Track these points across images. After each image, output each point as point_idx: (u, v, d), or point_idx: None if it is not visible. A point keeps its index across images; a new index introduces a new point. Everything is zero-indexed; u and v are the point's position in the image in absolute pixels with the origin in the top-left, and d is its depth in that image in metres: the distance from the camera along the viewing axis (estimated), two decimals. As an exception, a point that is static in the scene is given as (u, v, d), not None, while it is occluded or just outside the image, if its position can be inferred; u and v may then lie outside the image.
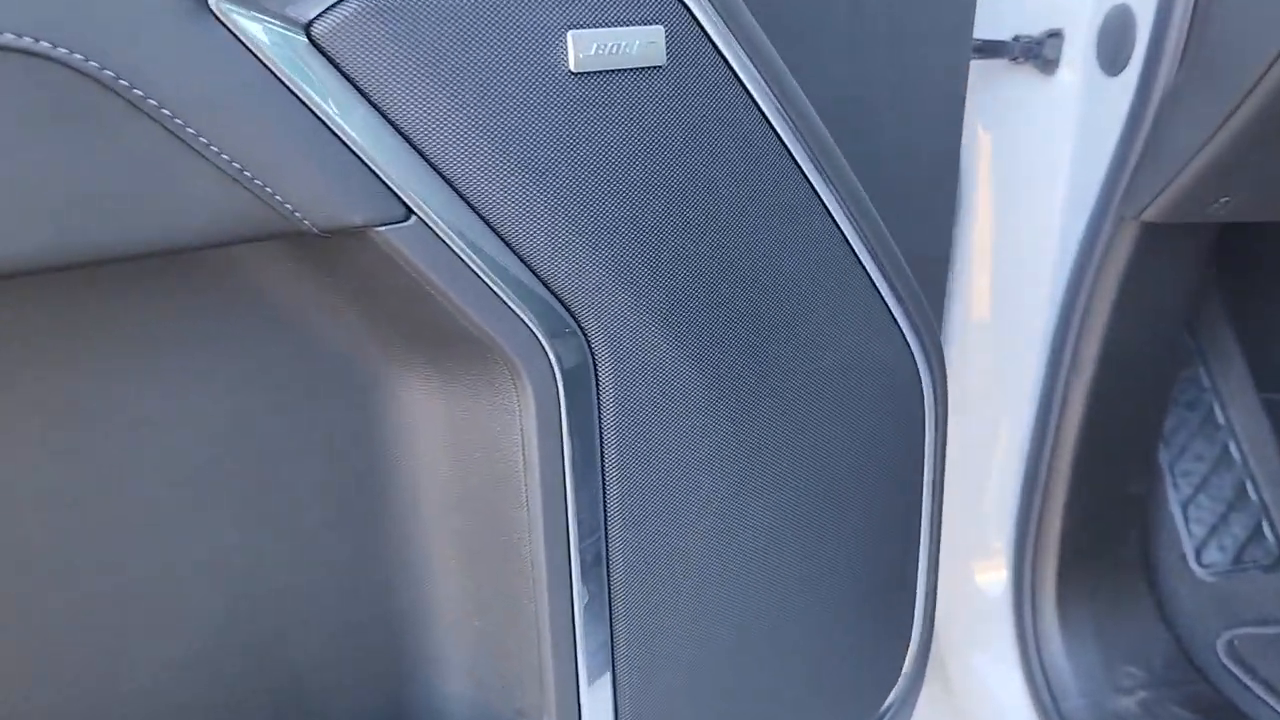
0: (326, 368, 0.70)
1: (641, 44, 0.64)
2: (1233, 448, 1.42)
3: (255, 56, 0.52)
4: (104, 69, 0.48)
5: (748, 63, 0.69)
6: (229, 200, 0.53)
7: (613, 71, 0.63)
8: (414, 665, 0.78)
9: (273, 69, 0.53)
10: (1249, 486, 1.40)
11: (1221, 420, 1.43)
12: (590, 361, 0.68)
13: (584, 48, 0.62)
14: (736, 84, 0.69)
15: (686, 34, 0.65)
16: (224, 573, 0.70)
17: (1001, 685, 1.25)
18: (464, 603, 0.76)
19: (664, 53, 0.64)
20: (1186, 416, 1.42)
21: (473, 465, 0.72)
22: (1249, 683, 1.15)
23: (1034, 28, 1.10)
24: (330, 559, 0.74)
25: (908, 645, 0.99)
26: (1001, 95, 1.14)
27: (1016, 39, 1.11)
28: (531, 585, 0.72)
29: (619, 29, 0.62)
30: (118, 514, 0.65)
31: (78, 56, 0.48)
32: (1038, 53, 1.10)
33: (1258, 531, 1.35)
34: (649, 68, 0.64)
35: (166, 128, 0.51)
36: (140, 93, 0.49)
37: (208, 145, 0.52)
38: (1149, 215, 1.00)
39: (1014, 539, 1.22)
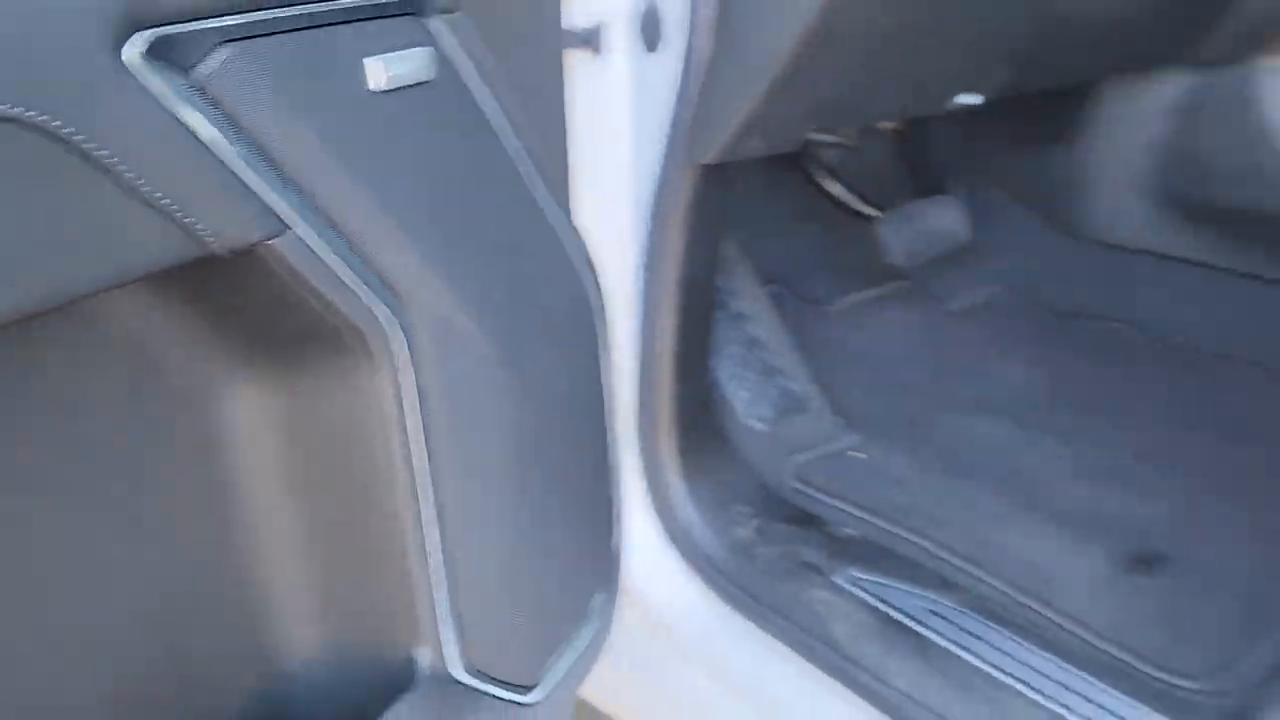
0: (153, 377, 0.73)
1: (415, 64, 0.76)
2: (751, 329, 1.86)
3: (155, 99, 0.58)
4: (53, 120, 0.51)
5: (477, 80, 0.84)
6: (159, 232, 0.58)
7: (401, 89, 0.75)
8: (285, 649, 0.84)
9: (170, 109, 0.59)
10: (766, 356, 1.86)
11: (739, 310, 1.86)
12: (410, 335, 0.80)
13: (376, 71, 0.73)
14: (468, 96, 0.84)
15: (442, 55, 0.79)
16: (54, 602, 0.71)
17: (648, 540, 1.56)
18: (328, 577, 0.84)
19: (433, 69, 0.78)
20: (720, 314, 1.83)
21: (319, 452, 0.80)
22: (820, 497, 1.57)
23: (589, 19, 1.36)
24: (175, 571, 0.77)
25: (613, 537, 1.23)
26: (575, 79, 1.40)
27: (579, 29, 1.36)
28: (392, 539, 0.82)
29: (400, 52, 0.75)
30: None
31: (31, 113, 0.50)
32: (594, 39, 1.37)
33: (785, 390, 1.81)
34: (424, 83, 0.77)
35: (105, 168, 0.55)
36: (85, 139, 0.53)
37: (137, 180, 0.56)
38: (706, 159, 1.32)
39: (639, 426, 1.53)
